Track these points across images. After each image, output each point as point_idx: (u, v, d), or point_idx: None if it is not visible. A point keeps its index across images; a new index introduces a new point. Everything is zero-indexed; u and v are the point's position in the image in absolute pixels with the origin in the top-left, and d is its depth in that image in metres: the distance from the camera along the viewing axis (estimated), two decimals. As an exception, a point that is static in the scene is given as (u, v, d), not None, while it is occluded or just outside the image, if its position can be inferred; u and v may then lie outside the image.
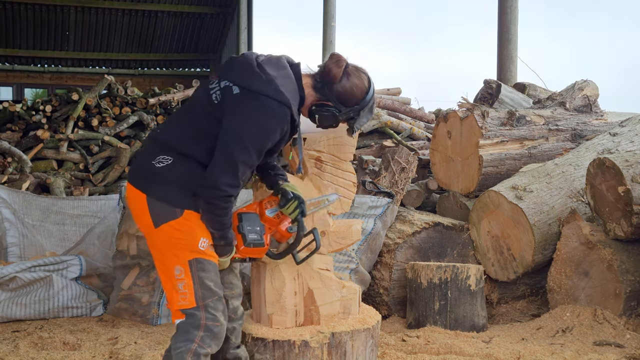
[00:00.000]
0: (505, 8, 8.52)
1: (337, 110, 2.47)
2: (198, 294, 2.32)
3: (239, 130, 2.26)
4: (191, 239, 2.32)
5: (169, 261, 2.33)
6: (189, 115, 2.40)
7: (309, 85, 2.48)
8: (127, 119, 7.98)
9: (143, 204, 2.33)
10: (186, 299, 2.32)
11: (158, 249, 2.36)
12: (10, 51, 15.84)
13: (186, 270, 2.31)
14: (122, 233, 4.65)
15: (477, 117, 5.10)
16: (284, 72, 2.39)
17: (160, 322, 4.40)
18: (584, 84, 5.85)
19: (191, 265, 2.32)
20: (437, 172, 5.48)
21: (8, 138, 7.55)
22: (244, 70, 2.36)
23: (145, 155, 2.39)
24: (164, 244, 2.33)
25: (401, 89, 8.43)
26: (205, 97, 2.37)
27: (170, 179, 2.32)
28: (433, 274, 4.26)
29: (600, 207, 4.23)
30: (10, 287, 4.43)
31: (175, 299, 2.33)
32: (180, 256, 2.32)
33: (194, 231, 2.33)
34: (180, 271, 2.31)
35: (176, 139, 2.34)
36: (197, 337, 2.30)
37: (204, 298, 2.33)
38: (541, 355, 3.62)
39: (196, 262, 2.32)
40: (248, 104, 2.29)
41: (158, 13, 16.34)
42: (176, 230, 2.31)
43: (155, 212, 2.31)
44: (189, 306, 2.32)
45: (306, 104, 2.49)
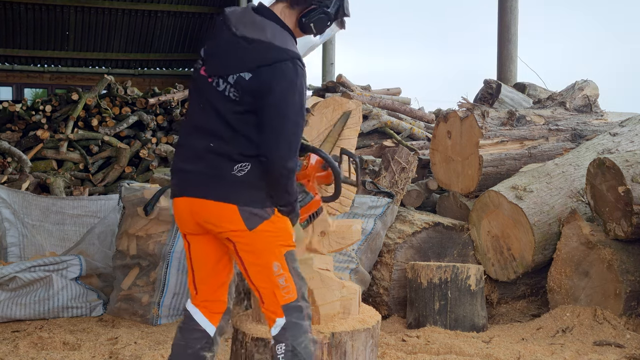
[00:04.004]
0: (505, 8, 8.52)
1: (325, 7, 2.42)
2: (297, 284, 2.37)
3: (275, 104, 2.26)
4: (286, 234, 2.37)
5: (266, 260, 2.35)
6: (224, 122, 2.34)
7: (285, 8, 2.41)
8: (127, 119, 7.99)
9: (233, 214, 2.31)
10: (290, 291, 2.35)
11: (253, 251, 2.35)
12: (10, 51, 15.83)
13: (283, 264, 2.35)
14: (122, 233, 4.65)
15: (477, 117, 5.10)
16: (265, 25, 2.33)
17: (160, 322, 4.40)
18: (584, 84, 5.85)
19: (286, 258, 2.36)
20: (437, 172, 5.48)
21: (8, 138, 7.55)
22: (237, 54, 2.31)
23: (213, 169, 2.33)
24: (261, 244, 2.34)
25: (401, 89, 8.42)
26: (222, 101, 2.32)
27: (255, 183, 2.33)
28: (433, 274, 4.26)
29: (600, 207, 4.23)
30: (10, 287, 4.43)
31: (279, 296, 2.35)
32: (276, 252, 2.35)
33: (286, 226, 2.38)
34: (278, 267, 2.34)
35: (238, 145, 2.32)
36: (308, 326, 2.38)
37: (300, 288, 2.38)
38: (541, 355, 3.62)
39: (289, 254, 2.37)
40: (268, 77, 2.26)
41: (158, 13, 16.33)
42: (272, 228, 2.34)
43: (248, 217, 2.31)
44: (293, 299, 2.35)
45: (293, 27, 2.42)
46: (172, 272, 4.44)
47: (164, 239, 4.47)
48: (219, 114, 2.34)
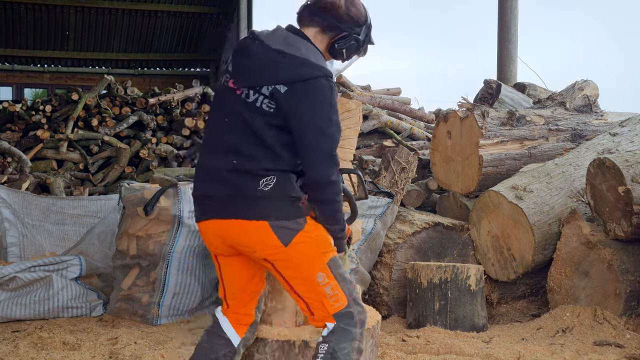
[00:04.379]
0: (505, 8, 8.52)
1: (357, 34, 2.45)
2: (345, 290, 2.31)
3: (311, 120, 2.25)
4: (324, 241, 2.32)
5: (309, 272, 2.30)
6: (251, 136, 2.30)
7: (318, 33, 2.43)
8: (127, 119, 7.98)
9: (265, 231, 2.26)
10: (339, 299, 2.30)
11: (293, 267, 2.30)
12: (10, 51, 15.82)
13: (327, 273, 2.29)
14: (122, 233, 4.65)
15: (477, 117, 5.10)
16: (299, 43, 2.35)
17: (160, 322, 4.40)
18: (584, 83, 5.86)
19: (330, 266, 2.30)
20: (437, 172, 5.48)
21: (8, 138, 7.55)
22: (272, 67, 2.31)
23: (238, 189, 2.29)
24: (301, 257, 2.29)
25: (401, 89, 8.42)
26: (253, 113, 2.29)
27: (282, 195, 2.28)
28: (433, 274, 4.26)
29: (600, 207, 4.23)
30: (10, 287, 4.43)
31: (328, 306, 2.30)
32: (318, 262, 2.30)
33: (322, 233, 2.33)
34: (323, 277, 2.29)
35: (263, 160, 2.28)
36: (357, 334, 2.31)
37: (350, 293, 2.33)
38: (541, 355, 3.62)
39: (333, 262, 2.32)
40: (303, 94, 2.26)
41: (158, 13, 16.33)
42: (308, 239, 2.29)
43: (281, 233, 2.26)
44: (344, 305, 2.30)
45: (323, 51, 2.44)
46: (172, 272, 4.44)
47: (164, 239, 4.47)
48: (246, 127, 2.30)
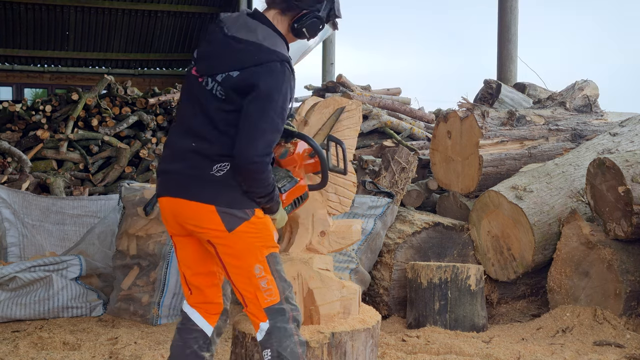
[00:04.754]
0: (505, 8, 8.52)
1: (317, 11, 2.42)
2: (280, 287, 2.35)
3: (257, 100, 2.26)
4: (267, 236, 2.35)
5: (247, 262, 2.33)
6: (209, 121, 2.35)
7: (277, 14, 2.42)
8: (127, 119, 7.98)
9: (212, 215, 2.30)
10: (272, 294, 2.33)
11: (234, 254, 2.34)
12: (10, 51, 15.82)
13: (265, 266, 2.33)
14: (122, 233, 4.65)
15: (477, 117, 5.10)
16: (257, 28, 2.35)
17: (160, 322, 4.40)
18: (584, 83, 5.86)
19: (268, 260, 2.34)
20: (437, 172, 5.48)
21: (8, 138, 7.55)
22: (227, 54, 2.33)
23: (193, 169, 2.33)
24: (242, 246, 2.33)
25: (401, 89, 8.42)
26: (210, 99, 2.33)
27: (234, 184, 2.31)
28: (433, 274, 4.26)
29: (600, 207, 4.23)
30: (10, 287, 4.43)
31: (261, 298, 2.33)
32: (258, 254, 2.33)
33: (267, 227, 2.36)
34: (260, 269, 2.32)
35: (220, 146, 2.32)
36: (293, 329, 2.34)
37: (284, 290, 2.36)
38: (541, 355, 3.62)
39: (272, 257, 2.35)
40: (253, 78, 2.27)
41: (158, 13, 16.33)
42: (252, 229, 2.32)
43: (227, 219, 2.30)
44: (276, 301, 2.33)
45: (285, 32, 2.43)
46: (172, 272, 4.44)
47: (164, 239, 4.47)
48: (204, 113, 2.35)
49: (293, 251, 2.85)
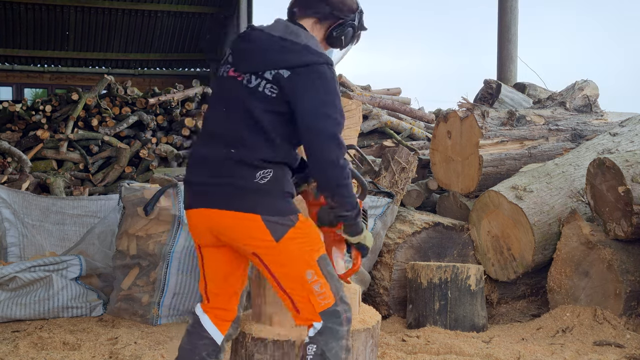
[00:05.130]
0: (505, 8, 8.52)
1: (352, 21, 2.47)
2: (333, 288, 2.31)
3: (315, 105, 2.23)
4: (315, 239, 2.32)
5: (297, 270, 2.29)
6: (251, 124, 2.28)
7: (314, 23, 2.44)
8: (127, 119, 7.98)
9: (257, 224, 2.24)
10: (326, 297, 2.29)
11: (282, 263, 2.29)
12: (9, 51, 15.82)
13: (317, 270, 2.29)
14: (122, 233, 4.65)
15: (477, 117, 5.10)
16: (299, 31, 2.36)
17: (160, 322, 4.40)
18: (584, 83, 5.85)
19: (319, 263, 2.30)
20: (437, 172, 5.48)
21: (8, 138, 7.55)
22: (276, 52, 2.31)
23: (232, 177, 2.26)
24: (291, 253, 2.28)
25: (401, 89, 8.43)
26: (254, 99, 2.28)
27: (277, 190, 2.27)
28: (433, 274, 4.26)
29: (600, 207, 4.23)
30: (10, 287, 4.43)
31: (315, 303, 2.29)
32: (309, 259, 2.29)
33: (314, 231, 2.33)
34: (312, 274, 2.28)
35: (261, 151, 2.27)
36: (344, 332, 2.31)
37: (338, 291, 2.33)
38: (541, 355, 3.62)
39: (322, 260, 2.32)
40: (306, 79, 2.25)
41: (158, 13, 16.33)
42: (299, 235, 2.28)
43: (273, 228, 2.24)
44: (331, 303, 2.29)
45: (320, 41, 2.45)
46: (172, 272, 4.44)
47: (164, 239, 4.47)
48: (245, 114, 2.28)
49: (293, 251, 2.84)
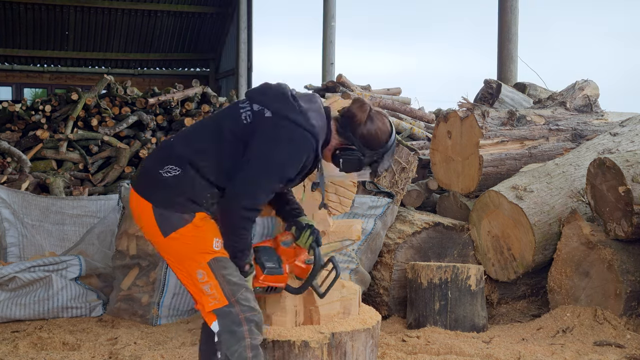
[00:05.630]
0: (505, 8, 8.51)
1: (362, 154, 2.47)
2: (226, 290, 2.32)
3: (267, 155, 2.29)
4: (204, 242, 2.33)
5: (188, 267, 2.33)
6: (208, 131, 2.40)
7: (334, 128, 2.49)
8: (127, 118, 7.98)
9: (149, 213, 2.32)
10: (216, 298, 2.31)
11: (172, 256, 2.35)
12: (9, 51, 15.83)
13: (208, 272, 2.31)
14: (121, 233, 4.65)
15: (477, 117, 5.10)
16: (315, 106, 2.43)
17: (160, 323, 4.39)
18: (584, 83, 5.84)
19: (211, 265, 2.31)
20: (437, 172, 5.47)
21: (7, 138, 7.54)
22: (277, 97, 2.40)
23: (152, 164, 2.39)
24: (178, 251, 2.33)
25: (401, 89, 8.42)
26: (232, 116, 2.39)
27: (176, 189, 2.32)
28: (433, 274, 4.26)
29: (600, 207, 4.22)
30: (10, 287, 4.43)
31: (206, 301, 2.33)
32: (198, 260, 2.31)
33: (205, 234, 2.33)
34: (203, 274, 2.31)
35: (190, 152, 2.34)
36: (244, 332, 2.31)
37: (233, 293, 2.32)
38: (541, 356, 3.62)
39: (215, 262, 2.32)
40: (278, 130, 2.32)
41: (158, 13, 16.34)
42: (188, 236, 2.31)
43: (163, 222, 2.31)
44: (221, 305, 2.31)
45: (329, 147, 2.50)
46: (172, 272, 4.42)
47: (163, 239, 4.46)
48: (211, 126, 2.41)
49: (293, 251, 2.84)
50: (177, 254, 2.33)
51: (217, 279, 2.31)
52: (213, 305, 2.32)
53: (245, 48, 15.39)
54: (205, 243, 2.33)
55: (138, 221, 2.41)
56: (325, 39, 11.14)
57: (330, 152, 2.50)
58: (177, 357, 3.54)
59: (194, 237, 2.31)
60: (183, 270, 2.35)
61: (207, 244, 2.33)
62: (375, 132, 2.47)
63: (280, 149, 2.31)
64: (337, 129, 2.48)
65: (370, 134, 2.47)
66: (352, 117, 2.47)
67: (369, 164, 2.51)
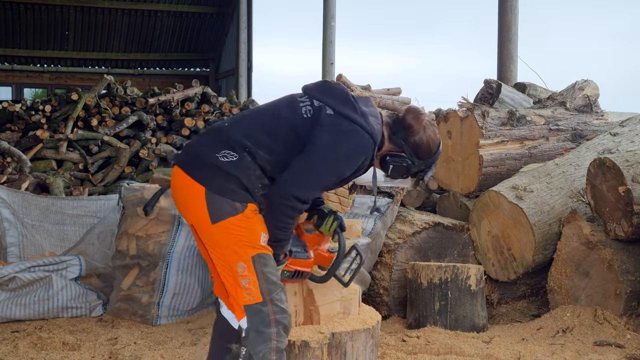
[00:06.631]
0: (505, 8, 8.51)
1: (412, 163, 2.49)
2: (263, 288, 2.29)
3: (327, 151, 2.29)
4: (253, 235, 2.30)
5: (229, 258, 2.30)
6: (266, 120, 2.38)
7: (386, 134, 2.50)
8: (127, 118, 7.98)
9: (200, 197, 2.28)
10: (252, 294, 2.29)
11: (215, 244, 2.31)
12: (9, 51, 15.83)
13: (249, 266, 2.28)
14: (121, 233, 4.65)
15: (477, 117, 5.10)
16: (374, 111, 2.44)
17: (160, 323, 4.39)
18: (584, 83, 5.84)
19: (254, 261, 2.29)
20: (437, 172, 5.47)
21: (7, 138, 7.54)
22: (339, 97, 2.40)
23: (207, 147, 2.35)
24: (223, 240, 2.29)
25: (401, 89, 8.41)
26: (291, 109, 2.38)
27: (232, 175, 2.28)
28: (433, 274, 4.26)
29: (600, 207, 4.22)
30: (10, 287, 4.43)
31: (240, 295, 2.30)
32: (241, 253, 2.28)
33: (255, 227, 2.30)
34: (244, 268, 2.28)
35: (247, 139, 2.32)
36: (272, 334, 2.30)
37: (269, 292, 2.31)
38: (541, 356, 3.62)
39: (259, 258, 2.30)
40: (341, 128, 2.32)
41: (158, 13, 16.34)
42: (237, 227, 2.27)
43: (214, 208, 2.26)
44: (255, 301, 2.29)
45: (381, 152, 2.51)
46: (172, 272, 4.43)
47: (163, 239, 4.47)
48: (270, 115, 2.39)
49: (293, 251, 2.84)
50: (222, 242, 2.29)
51: (257, 276, 2.29)
52: (247, 300, 2.29)
53: (245, 48, 15.39)
54: (253, 236, 2.30)
55: (183, 203, 2.36)
56: (325, 39, 11.15)
57: (380, 157, 2.51)
58: (177, 357, 3.54)
59: (243, 229, 2.28)
60: (222, 259, 2.32)
61: (255, 237, 2.30)
62: (427, 141, 2.51)
63: (341, 147, 2.30)
64: (389, 136, 2.49)
65: (422, 143, 2.50)
66: (408, 127, 2.49)
67: (415, 173, 2.55)
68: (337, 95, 2.41)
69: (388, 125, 2.51)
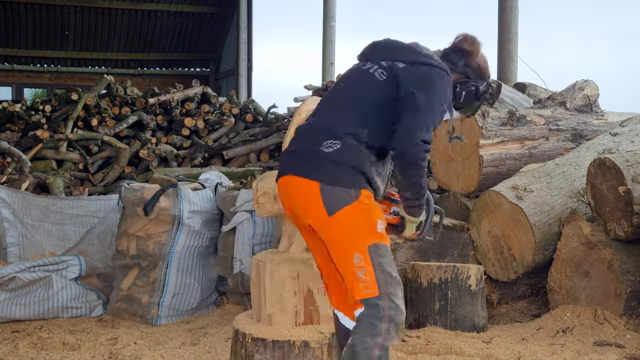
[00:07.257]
0: (505, 8, 8.50)
1: (479, 85, 2.59)
2: (380, 280, 2.23)
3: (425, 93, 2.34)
4: (370, 222, 2.25)
5: (346, 249, 2.24)
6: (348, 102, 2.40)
7: None
8: (127, 118, 7.98)
9: (316, 193, 2.23)
10: (368, 287, 2.22)
11: (332, 239, 2.26)
12: (9, 51, 15.83)
13: (365, 257, 2.22)
14: (121, 233, 4.65)
15: (477, 117, 5.09)
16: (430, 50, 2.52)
17: (160, 323, 4.40)
18: (584, 83, 5.84)
19: (370, 251, 2.23)
20: (437, 172, 5.47)
21: (7, 138, 7.55)
22: (400, 49, 2.47)
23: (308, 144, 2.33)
24: (340, 232, 2.24)
25: (401, 89, 8.41)
26: (363, 80, 2.41)
27: (341, 162, 2.25)
28: (433, 274, 4.26)
29: (600, 207, 4.22)
30: (10, 287, 4.43)
31: (357, 288, 2.23)
32: (358, 242, 2.23)
33: (371, 214, 2.26)
34: (360, 259, 2.22)
35: (341, 124, 2.32)
36: (382, 330, 2.22)
37: (386, 284, 2.24)
38: (541, 356, 3.62)
39: (375, 248, 2.24)
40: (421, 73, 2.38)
41: (158, 13, 16.34)
42: (352, 216, 2.23)
43: (329, 200, 2.22)
44: (372, 295, 2.22)
45: None
46: (172, 272, 4.43)
47: (163, 239, 4.47)
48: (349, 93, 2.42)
49: (293, 251, 2.84)
50: (339, 234, 2.24)
51: (373, 267, 2.23)
52: (364, 294, 2.22)
53: (245, 48, 15.39)
54: (370, 223, 2.25)
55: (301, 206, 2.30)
56: (325, 39, 11.14)
57: None
58: (177, 357, 3.54)
59: (358, 217, 2.23)
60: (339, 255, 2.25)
61: (372, 224, 2.25)
62: (485, 61, 2.63)
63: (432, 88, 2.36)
64: (450, 67, 2.54)
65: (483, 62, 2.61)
66: (468, 52, 2.57)
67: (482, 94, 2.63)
68: (397, 49, 2.47)
69: (446, 58, 2.57)
